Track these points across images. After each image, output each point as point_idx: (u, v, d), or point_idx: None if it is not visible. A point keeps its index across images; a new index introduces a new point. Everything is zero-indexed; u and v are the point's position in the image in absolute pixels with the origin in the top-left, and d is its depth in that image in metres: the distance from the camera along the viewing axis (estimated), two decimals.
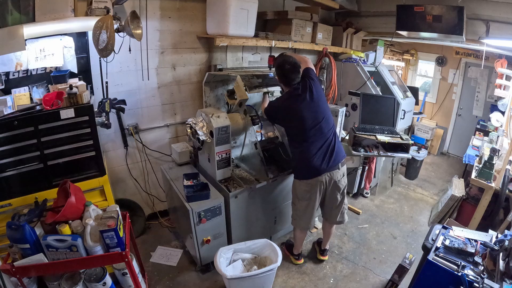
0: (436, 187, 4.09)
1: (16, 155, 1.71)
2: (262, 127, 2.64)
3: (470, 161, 3.22)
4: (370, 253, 2.69)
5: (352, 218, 3.17)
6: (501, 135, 3.23)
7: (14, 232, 1.44)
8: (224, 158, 2.24)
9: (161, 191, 2.91)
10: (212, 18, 2.52)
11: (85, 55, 2.15)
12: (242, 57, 3.02)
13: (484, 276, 1.46)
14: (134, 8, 2.21)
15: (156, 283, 2.29)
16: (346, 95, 3.53)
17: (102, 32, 1.75)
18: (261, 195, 2.35)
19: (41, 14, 1.72)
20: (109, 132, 2.41)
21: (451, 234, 1.80)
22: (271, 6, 3.07)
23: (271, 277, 2.14)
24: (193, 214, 2.02)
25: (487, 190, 2.58)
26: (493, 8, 2.65)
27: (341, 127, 2.85)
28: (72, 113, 1.78)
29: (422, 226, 3.14)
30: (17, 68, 1.88)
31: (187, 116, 2.74)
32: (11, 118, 1.66)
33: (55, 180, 1.84)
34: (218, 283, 2.27)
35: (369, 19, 3.71)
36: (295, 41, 2.98)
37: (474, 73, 4.73)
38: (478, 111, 4.78)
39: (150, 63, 2.50)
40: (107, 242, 1.56)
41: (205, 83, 2.57)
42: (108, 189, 2.05)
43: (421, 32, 2.92)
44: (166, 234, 2.85)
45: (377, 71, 3.54)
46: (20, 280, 1.50)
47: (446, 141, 5.26)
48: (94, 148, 1.93)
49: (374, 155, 2.82)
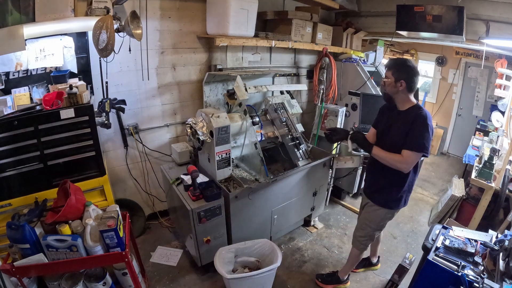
0: (436, 187, 4.09)
1: (16, 155, 1.71)
2: (262, 127, 2.64)
3: (470, 161, 3.22)
4: None
5: (352, 218, 3.17)
6: (501, 135, 3.24)
7: (14, 232, 1.44)
8: (224, 158, 2.24)
9: (161, 191, 2.91)
10: (212, 18, 2.52)
11: (85, 55, 2.15)
12: (242, 57, 3.02)
13: (484, 276, 1.46)
14: (134, 8, 2.21)
15: (156, 283, 2.29)
16: (346, 95, 3.53)
17: (102, 32, 1.75)
18: (261, 195, 2.35)
19: (41, 14, 1.72)
20: (109, 132, 2.42)
21: (451, 234, 1.80)
22: (271, 6, 3.07)
23: (271, 277, 2.14)
24: (193, 214, 2.02)
25: (487, 190, 2.58)
26: (493, 8, 2.65)
27: (341, 127, 2.85)
28: (72, 113, 1.78)
29: (422, 226, 3.14)
30: (17, 68, 1.88)
31: (187, 116, 2.75)
32: (11, 118, 1.66)
33: (55, 180, 1.84)
34: (218, 283, 2.27)
35: (369, 19, 3.71)
36: (295, 41, 2.98)
37: (474, 73, 4.73)
38: (478, 111, 4.78)
39: (150, 63, 2.50)
40: (107, 242, 1.56)
41: (205, 83, 2.57)
42: (108, 189, 2.05)
43: (421, 32, 2.92)
44: (166, 234, 2.85)
45: (377, 71, 3.54)
46: (20, 280, 1.50)
47: (446, 141, 5.26)
48: (94, 148, 1.93)
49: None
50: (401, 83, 1.72)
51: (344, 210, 3.36)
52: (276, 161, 2.77)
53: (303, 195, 2.65)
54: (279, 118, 2.66)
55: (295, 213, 2.72)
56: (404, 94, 1.75)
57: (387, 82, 1.77)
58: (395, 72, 1.74)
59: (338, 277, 2.29)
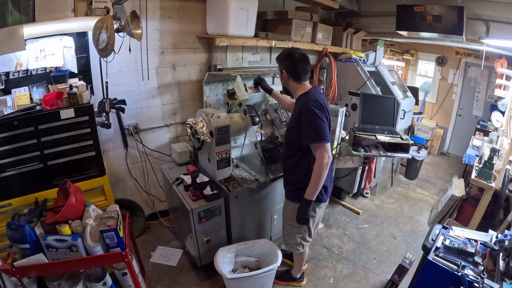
0: (436, 187, 4.09)
1: (16, 155, 1.71)
2: (262, 127, 2.63)
3: (470, 161, 3.22)
4: (370, 253, 2.69)
5: (352, 218, 3.18)
6: (501, 135, 3.24)
7: (14, 232, 1.44)
8: (224, 158, 2.24)
9: (161, 191, 2.91)
10: (212, 18, 2.52)
11: (85, 55, 2.15)
12: (242, 57, 3.02)
13: (484, 276, 1.47)
14: (134, 8, 2.21)
15: (156, 283, 2.29)
16: (346, 95, 3.53)
17: (102, 32, 1.75)
18: (261, 195, 2.35)
19: (41, 14, 1.72)
20: (109, 132, 2.41)
21: (451, 234, 1.80)
22: (271, 6, 3.07)
23: (271, 277, 2.14)
24: (193, 214, 2.02)
25: (487, 190, 2.58)
26: (493, 8, 2.65)
27: (341, 127, 2.85)
28: (72, 113, 1.78)
29: (422, 226, 3.14)
30: (17, 68, 1.88)
31: (187, 116, 2.75)
32: (11, 118, 1.66)
33: (55, 180, 1.84)
34: (218, 283, 2.27)
35: (369, 19, 3.71)
36: (295, 41, 2.98)
37: (474, 73, 4.73)
38: (478, 111, 4.78)
39: (150, 63, 2.50)
40: (107, 242, 1.56)
41: (205, 83, 2.57)
42: (108, 189, 2.05)
43: (421, 32, 2.92)
44: (166, 234, 2.85)
45: (377, 71, 3.54)
46: (20, 280, 1.50)
47: (446, 141, 5.27)
48: (94, 148, 1.93)
49: (374, 155, 2.82)
50: (284, 74, 1.82)
51: (344, 210, 3.36)
52: (276, 161, 2.76)
53: None
54: (279, 118, 2.66)
55: None
56: (292, 83, 1.83)
57: (278, 73, 1.88)
58: (279, 63, 1.86)
59: (291, 274, 2.32)
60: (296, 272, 2.30)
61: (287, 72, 1.80)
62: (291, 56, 1.78)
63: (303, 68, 1.78)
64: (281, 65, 1.84)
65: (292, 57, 1.77)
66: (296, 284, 2.32)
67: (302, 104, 1.72)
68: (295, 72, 1.78)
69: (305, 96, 1.75)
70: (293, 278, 2.31)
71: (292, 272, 2.32)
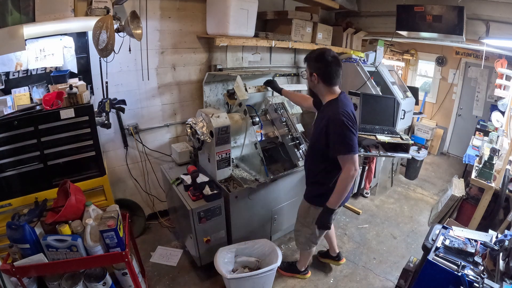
0: (436, 187, 4.09)
1: (16, 155, 1.71)
2: (262, 127, 2.64)
3: (470, 161, 3.22)
4: (370, 253, 2.69)
5: (352, 218, 3.18)
6: (501, 135, 3.24)
7: (14, 232, 1.44)
8: (224, 158, 2.24)
9: (161, 191, 2.91)
10: (212, 18, 2.52)
11: (85, 55, 2.15)
12: (242, 57, 3.02)
13: (484, 276, 1.46)
14: (134, 8, 2.21)
15: (156, 283, 2.29)
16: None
17: (102, 32, 1.75)
18: (261, 195, 2.35)
19: (41, 14, 1.72)
20: (109, 132, 2.41)
21: (451, 234, 1.79)
22: (271, 6, 3.07)
23: (271, 277, 2.14)
24: (193, 214, 2.02)
25: (487, 190, 2.58)
26: (493, 8, 2.65)
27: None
28: (72, 113, 1.78)
29: (422, 226, 3.14)
30: (17, 68, 1.88)
31: (187, 116, 2.74)
32: (11, 118, 1.66)
33: (55, 180, 1.84)
34: (218, 283, 2.27)
35: (369, 19, 3.71)
36: (295, 41, 2.98)
37: (474, 73, 4.73)
38: (478, 111, 4.78)
39: (150, 63, 2.50)
40: (107, 242, 1.56)
41: (205, 83, 2.57)
42: (108, 189, 2.05)
43: (421, 32, 2.92)
44: (166, 234, 2.85)
45: (377, 71, 3.54)
46: (20, 280, 1.50)
47: (446, 141, 5.27)
48: (94, 148, 1.93)
49: (374, 155, 2.82)
50: (314, 76, 1.68)
51: (344, 210, 3.36)
52: (276, 161, 2.76)
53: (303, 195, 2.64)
54: (279, 118, 2.66)
55: (295, 213, 2.70)
56: (322, 87, 1.71)
57: (306, 75, 1.76)
58: (309, 65, 1.72)
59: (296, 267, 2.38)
60: (301, 266, 2.36)
61: (318, 75, 1.66)
62: (323, 58, 1.64)
63: (337, 72, 1.66)
64: (310, 67, 1.70)
65: (324, 59, 1.63)
66: (301, 276, 2.38)
67: (332, 114, 1.62)
68: (328, 76, 1.66)
69: (335, 104, 1.66)
70: (297, 271, 2.37)
71: (298, 265, 2.37)
